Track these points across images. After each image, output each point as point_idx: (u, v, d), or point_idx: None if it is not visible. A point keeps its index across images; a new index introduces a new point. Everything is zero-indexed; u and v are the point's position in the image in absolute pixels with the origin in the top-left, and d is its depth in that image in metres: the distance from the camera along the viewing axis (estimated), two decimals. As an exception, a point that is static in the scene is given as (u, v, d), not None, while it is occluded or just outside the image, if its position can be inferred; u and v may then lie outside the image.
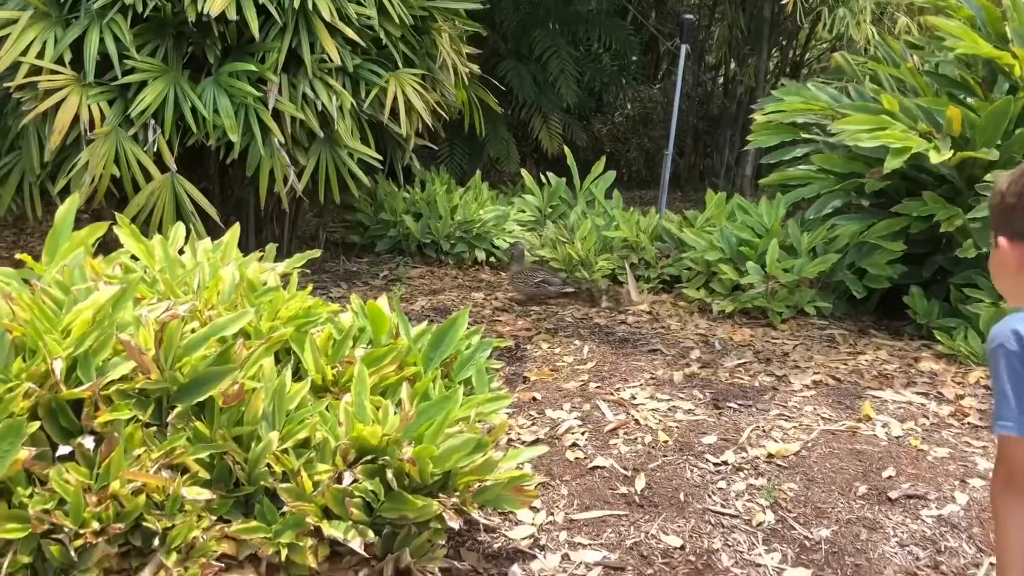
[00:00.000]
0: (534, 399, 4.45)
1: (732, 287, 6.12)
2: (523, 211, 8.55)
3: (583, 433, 4.04)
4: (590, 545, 3.18)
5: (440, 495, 2.81)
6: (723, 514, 3.39)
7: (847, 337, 5.56)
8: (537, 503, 3.39)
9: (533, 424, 4.16)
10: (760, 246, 6.04)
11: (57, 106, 5.39)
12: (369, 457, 2.75)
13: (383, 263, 7.86)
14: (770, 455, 3.83)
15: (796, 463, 3.76)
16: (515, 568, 3.02)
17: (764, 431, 4.07)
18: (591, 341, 5.50)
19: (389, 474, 2.68)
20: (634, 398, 4.43)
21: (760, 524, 3.34)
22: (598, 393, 4.51)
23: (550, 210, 8.44)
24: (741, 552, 3.17)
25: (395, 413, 2.92)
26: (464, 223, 7.91)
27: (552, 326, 5.91)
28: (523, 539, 3.19)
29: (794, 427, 4.12)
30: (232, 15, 5.61)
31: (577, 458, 3.80)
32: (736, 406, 4.35)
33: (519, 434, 4.02)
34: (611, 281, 7.04)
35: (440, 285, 7.16)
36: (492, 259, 7.96)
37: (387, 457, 2.72)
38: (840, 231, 5.89)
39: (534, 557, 3.10)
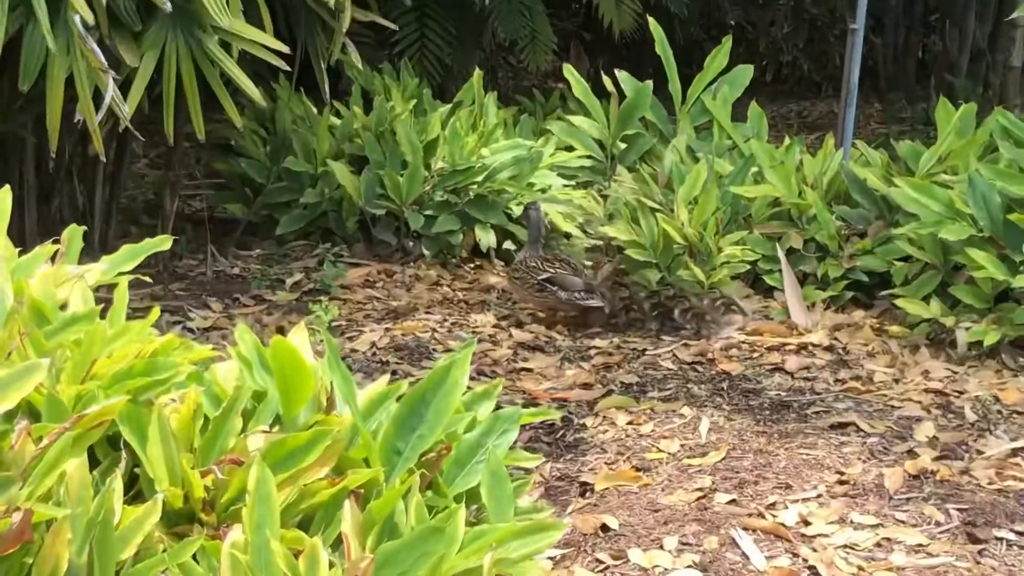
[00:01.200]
0: (605, 528, 4.42)
1: (996, 295, 6.10)
2: (569, 147, 8.53)
3: (706, 597, 4.00)
4: None
5: None
6: None
7: None
8: None
9: (605, 580, 4.13)
10: (1051, 210, 6.03)
11: None
12: (282, 655, 2.74)
13: (292, 257, 7.87)
14: (1087, 636, 3.79)
15: None
16: None
17: (1072, 587, 4.03)
18: (714, 407, 5.49)
19: None
20: (806, 523, 4.41)
21: None
22: (733, 515, 4.49)
23: (623, 146, 8.43)
24: None
25: (332, 564, 2.90)
26: (452, 175, 7.91)
27: (634, 377, 5.89)
28: None
29: None
30: None
31: (696, 649, 3.78)
32: (1012, 536, 4.31)
33: (577, 600, 4.00)
34: (747, 286, 7.02)
35: (407, 299, 7.16)
36: (508, 245, 7.94)
37: (319, 654, 2.71)
38: None
39: None
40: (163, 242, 4.34)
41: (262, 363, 3.57)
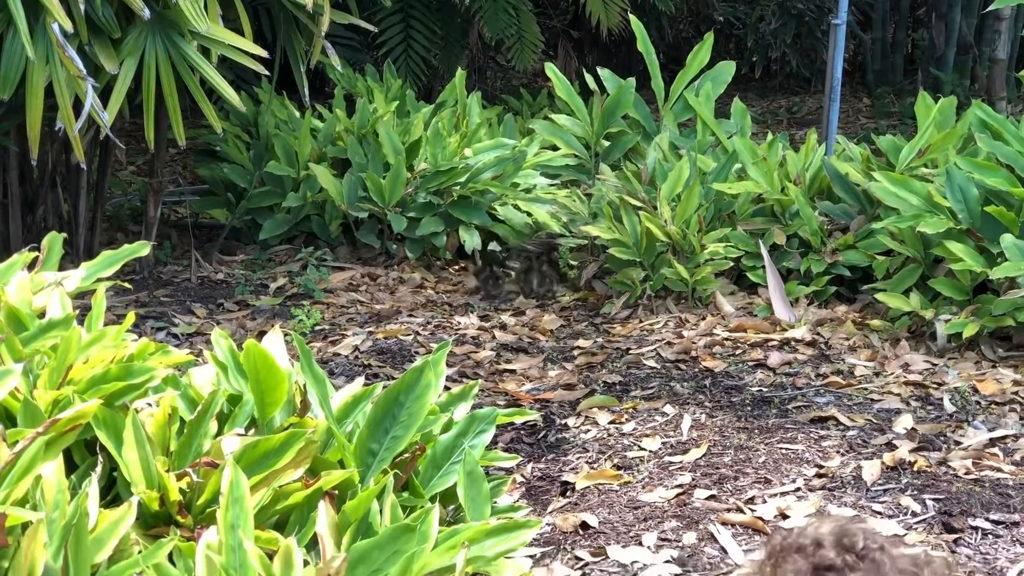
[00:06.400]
0: (585, 526, 4.46)
1: (974, 287, 6.16)
2: (554, 146, 8.58)
3: (684, 591, 4.04)
4: None
5: None
6: None
7: None
8: None
9: (584, 576, 4.18)
10: (1029, 202, 6.09)
11: None
12: (257, 652, 2.79)
13: (275, 262, 7.91)
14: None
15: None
16: None
17: (1047, 575, 4.08)
18: (696, 404, 5.53)
19: None
20: (784, 516, 4.44)
21: None
22: (712, 510, 4.53)
23: (606, 144, 8.48)
24: None
25: (307, 563, 2.95)
26: (435, 176, 7.95)
27: (617, 377, 5.95)
28: None
29: (1106, 565, 4.13)
30: None
31: (674, 643, 3.84)
32: (988, 525, 4.35)
33: (556, 597, 4.04)
34: (731, 283, 7.06)
35: (390, 303, 7.20)
36: (493, 247, 7.98)
37: (292, 651, 2.76)
38: None
39: None
40: (140, 248, 4.40)
41: (237, 367, 3.64)
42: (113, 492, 3.26)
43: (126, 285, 4.65)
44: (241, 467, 3.12)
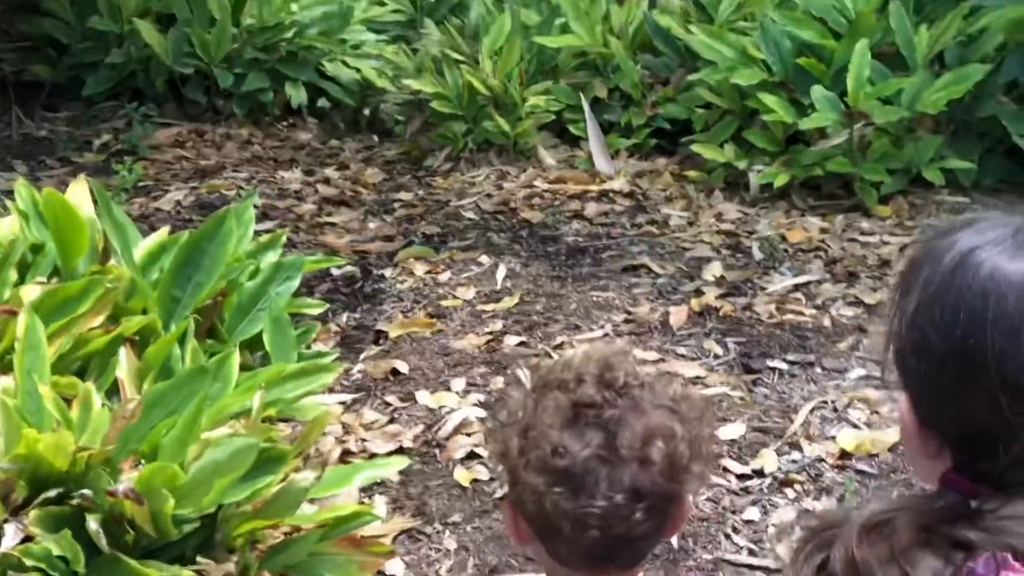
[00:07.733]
0: (396, 373, 4.57)
1: (786, 137, 6.28)
2: (381, 2, 8.51)
3: (490, 433, 4.16)
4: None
5: (200, 557, 2.91)
6: (753, 569, 3.56)
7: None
8: (397, 568, 3.53)
9: (392, 420, 4.27)
10: (838, 55, 6.19)
11: None
12: (54, 492, 2.82)
13: (100, 119, 7.80)
14: (845, 454, 4.01)
15: (895, 466, 3.95)
16: None
17: (836, 410, 4.25)
18: (512, 255, 5.63)
19: (92, 523, 2.76)
20: (591, 360, 4.55)
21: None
22: (521, 355, 4.65)
23: (432, 0, 8.44)
24: (786, 638, 3.35)
25: (104, 405, 3.00)
26: (261, 31, 7.86)
27: (436, 228, 6.02)
28: (369, 635, 3.32)
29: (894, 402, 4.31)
30: None
31: (476, 481, 3.93)
32: (785, 366, 4.54)
33: (364, 440, 4.12)
34: (554, 136, 7.13)
35: (216, 158, 7.17)
36: (322, 104, 7.95)
37: (87, 491, 2.80)
38: (989, 20, 6.05)
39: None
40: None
41: (39, 217, 3.64)
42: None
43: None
44: (41, 314, 3.14)
